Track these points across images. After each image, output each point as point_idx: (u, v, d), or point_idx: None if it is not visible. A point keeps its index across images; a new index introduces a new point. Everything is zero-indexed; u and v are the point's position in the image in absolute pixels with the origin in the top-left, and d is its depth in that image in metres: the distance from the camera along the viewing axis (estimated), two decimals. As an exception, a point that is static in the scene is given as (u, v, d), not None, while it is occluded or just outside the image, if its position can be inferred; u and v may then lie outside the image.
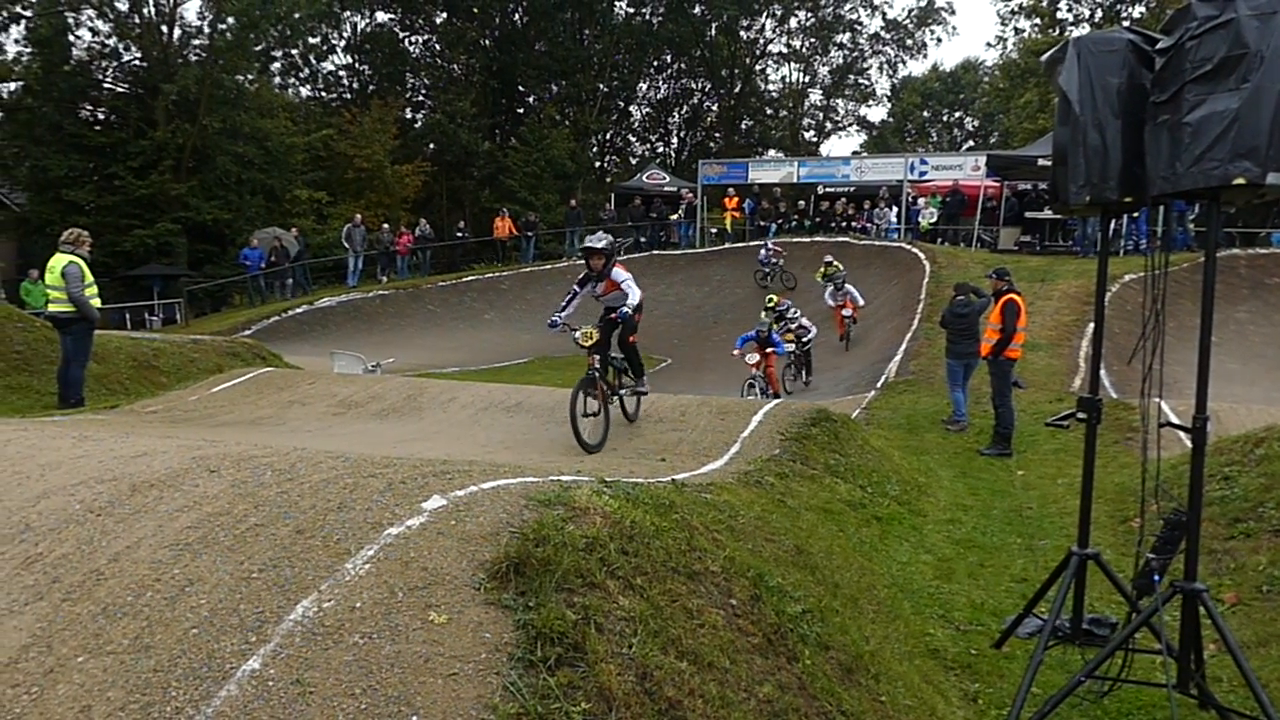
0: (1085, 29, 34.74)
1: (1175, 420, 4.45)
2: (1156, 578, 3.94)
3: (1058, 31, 35.30)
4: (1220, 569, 5.68)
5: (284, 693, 2.24)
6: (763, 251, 25.28)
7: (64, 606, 2.58)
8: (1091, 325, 15.57)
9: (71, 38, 30.82)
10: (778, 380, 15.33)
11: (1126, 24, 30.32)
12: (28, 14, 27.87)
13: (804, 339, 17.03)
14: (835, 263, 21.74)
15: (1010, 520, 7.71)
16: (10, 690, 2.28)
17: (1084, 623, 4.49)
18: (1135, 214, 18.48)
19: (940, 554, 6.66)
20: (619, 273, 8.08)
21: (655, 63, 48.91)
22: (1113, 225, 4.57)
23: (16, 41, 30.54)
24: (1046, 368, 14.46)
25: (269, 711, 2.19)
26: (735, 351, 15.14)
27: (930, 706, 3.92)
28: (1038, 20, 38.42)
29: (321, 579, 2.65)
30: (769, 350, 14.74)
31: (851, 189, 29.02)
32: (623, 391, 8.34)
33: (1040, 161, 21.28)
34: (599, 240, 8.12)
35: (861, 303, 19.95)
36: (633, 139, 53.16)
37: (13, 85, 29.57)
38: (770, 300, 17.50)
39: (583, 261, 8.34)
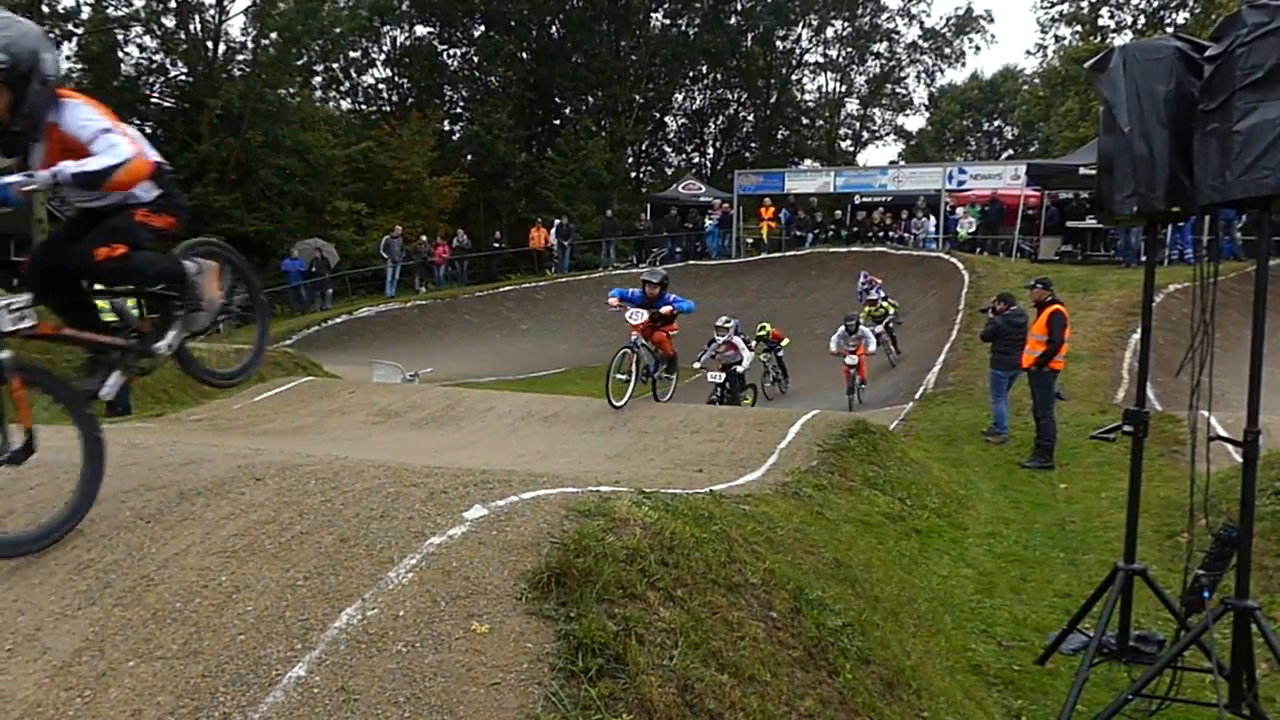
0: (1128, 36, 34.25)
1: (1223, 433, 4.36)
2: (1206, 594, 3.85)
3: (1099, 39, 34.77)
4: (1272, 586, 5.55)
5: (329, 700, 2.27)
6: (859, 284, 20.46)
7: (115, 611, 2.63)
8: (1135, 336, 15.31)
9: (120, 54, 31.66)
10: (671, 344, 9.80)
11: (1170, 31, 29.81)
12: (79, 31, 28.60)
13: (733, 364, 14.01)
14: (887, 302, 18.89)
15: (1053, 534, 7.58)
16: (64, 693, 2.33)
17: (1131, 639, 4.41)
18: (1181, 223, 18.16)
19: (981, 568, 6.57)
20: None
21: (691, 73, 48.97)
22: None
23: (68, 58, 31.33)
24: (1089, 379, 14.22)
25: (314, 718, 2.22)
26: (611, 300, 9.70)
27: (973, 723, 3.87)
28: (1079, 28, 37.86)
29: (365, 587, 2.68)
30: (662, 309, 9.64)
31: (889, 199, 28.80)
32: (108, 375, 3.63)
33: (1082, 170, 20.97)
34: None
35: (874, 349, 16.39)
36: (668, 149, 53.23)
37: (64, 101, 30.30)
38: (763, 329, 16.93)
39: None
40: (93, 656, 2.45)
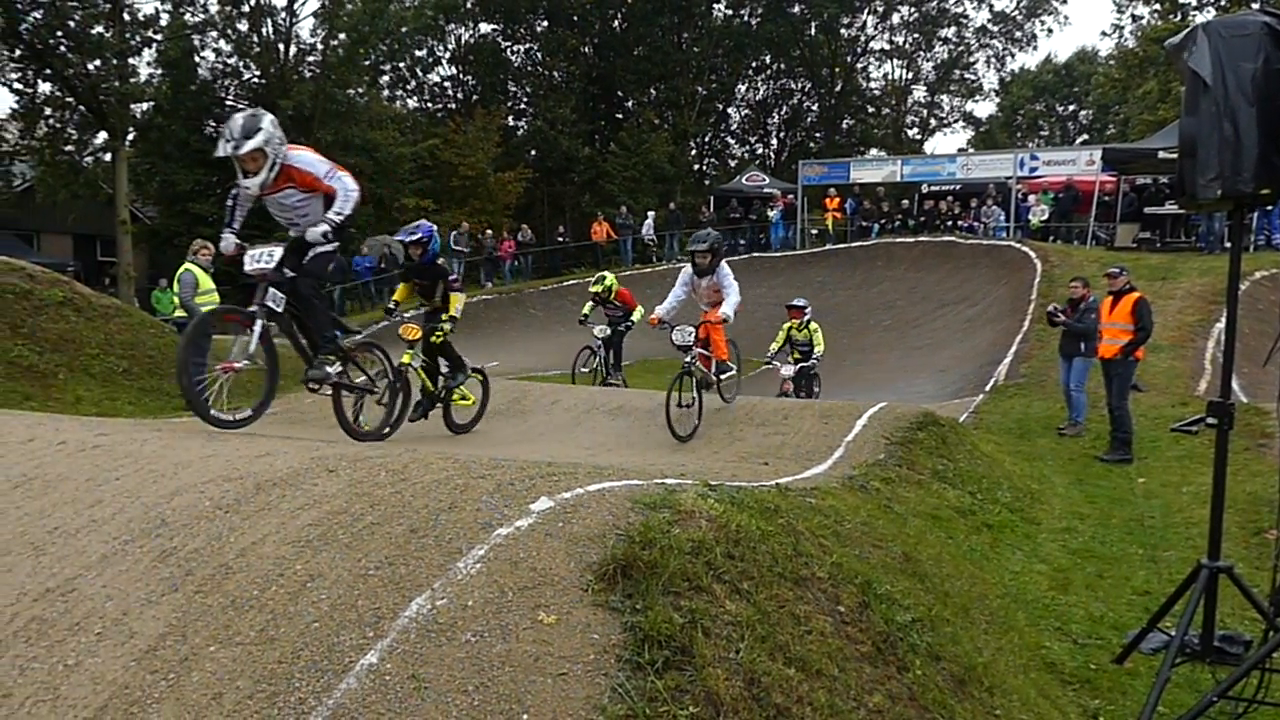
0: (1210, 13, 32.92)
1: (1316, 426, 4.19)
2: (1297, 594, 3.70)
3: (1179, 17, 33.51)
4: (1368, 586, 5.29)
5: (400, 687, 2.31)
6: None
7: (196, 598, 2.71)
8: (1218, 326, 14.76)
9: (197, 59, 32.74)
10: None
11: (1256, 5, 28.62)
12: (158, 38, 29.60)
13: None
14: (818, 333, 13.30)
15: (1131, 530, 7.36)
16: (149, 676, 2.41)
17: (1215, 640, 4.25)
18: (1269, 206, 17.44)
19: (1056, 564, 6.41)
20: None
21: (754, 64, 48.63)
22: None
23: (148, 64, 32.54)
24: (1169, 370, 13.76)
25: (386, 705, 2.26)
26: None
27: (1048, 722, 3.78)
28: (1157, 5, 36.55)
29: (434, 577, 2.71)
30: None
31: (957, 187, 28.24)
32: None
33: (1161, 154, 20.29)
34: None
35: (735, 302, 8.43)
36: (732, 141, 52.99)
37: (145, 105, 31.43)
38: (600, 280, 13.75)
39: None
40: (176, 641, 2.53)
